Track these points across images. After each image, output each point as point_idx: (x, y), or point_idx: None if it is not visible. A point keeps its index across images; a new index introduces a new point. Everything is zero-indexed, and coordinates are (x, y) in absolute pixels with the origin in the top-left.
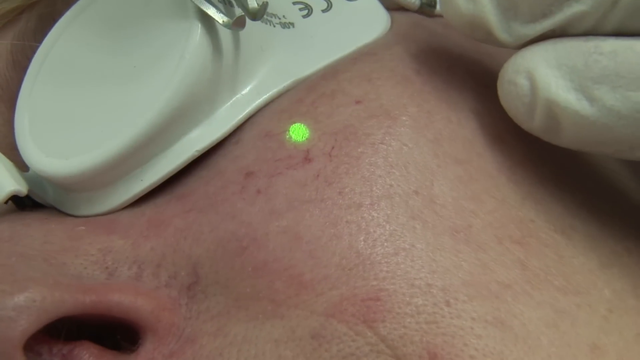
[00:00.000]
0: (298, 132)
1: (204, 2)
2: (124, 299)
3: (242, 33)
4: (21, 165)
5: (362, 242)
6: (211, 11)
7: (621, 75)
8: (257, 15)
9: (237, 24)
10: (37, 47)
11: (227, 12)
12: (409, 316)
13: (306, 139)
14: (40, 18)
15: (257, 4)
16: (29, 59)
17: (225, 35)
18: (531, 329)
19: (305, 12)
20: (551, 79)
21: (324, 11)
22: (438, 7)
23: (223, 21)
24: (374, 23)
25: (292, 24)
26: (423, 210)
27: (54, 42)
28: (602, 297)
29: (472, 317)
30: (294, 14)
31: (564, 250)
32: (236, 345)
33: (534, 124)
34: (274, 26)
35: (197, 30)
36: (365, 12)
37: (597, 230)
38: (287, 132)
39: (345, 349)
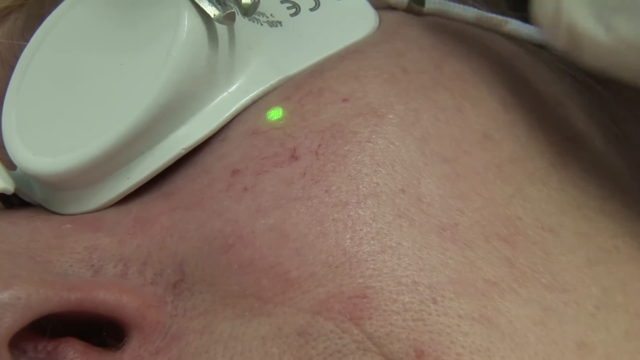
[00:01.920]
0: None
1: None
2: (109, 297)
3: (230, 32)
4: (9, 163)
5: (349, 240)
6: (203, 4)
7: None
8: (249, 11)
9: (227, 18)
10: (25, 45)
11: (221, 8)
12: (396, 313)
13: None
14: (29, 17)
15: None
16: (16, 58)
17: (212, 33)
18: (518, 326)
19: (293, 10)
20: (573, 3)
21: (311, 10)
22: (427, 5)
23: (214, 15)
24: (362, 21)
25: (280, 23)
26: (410, 209)
27: (41, 40)
28: (590, 294)
29: (459, 315)
30: (281, 12)
31: (552, 248)
32: (222, 343)
33: (560, 44)
34: (262, 25)
35: (184, 28)
36: (353, 11)
37: (585, 228)
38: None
39: (332, 347)
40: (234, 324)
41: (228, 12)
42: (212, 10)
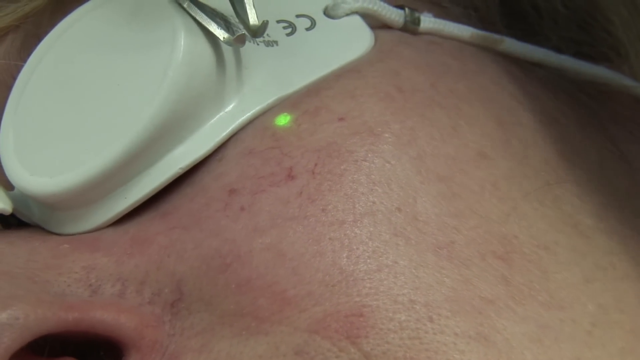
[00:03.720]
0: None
1: (206, 18)
2: (107, 316)
3: (226, 51)
4: (7, 184)
5: (345, 259)
6: (212, 27)
7: None
8: (258, 32)
9: (238, 41)
10: (22, 66)
11: (227, 29)
12: (392, 332)
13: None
14: (26, 38)
15: (257, 20)
16: (14, 78)
17: (209, 52)
18: (514, 344)
19: (289, 30)
20: None
21: (307, 29)
22: (422, 25)
23: (224, 37)
24: (358, 41)
25: (276, 42)
26: (406, 227)
27: (39, 60)
28: (586, 311)
29: (455, 333)
30: (277, 32)
31: (548, 266)
32: None
33: None
34: (258, 44)
35: (180, 48)
36: (349, 30)
37: (581, 245)
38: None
39: None
40: (232, 343)
41: (238, 34)
42: (221, 34)
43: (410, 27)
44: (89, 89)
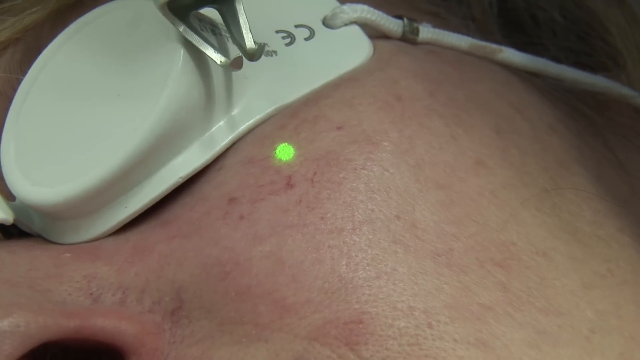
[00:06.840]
0: (284, 152)
1: (202, 42)
2: (108, 324)
3: None
4: (8, 194)
5: (344, 266)
6: (209, 52)
7: None
8: (255, 55)
9: (234, 65)
10: (23, 78)
11: (221, 46)
12: (392, 338)
13: (291, 158)
14: (26, 50)
15: (254, 44)
16: (14, 90)
17: (208, 63)
18: (513, 350)
19: (288, 40)
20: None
21: (306, 39)
22: (421, 35)
23: (220, 61)
24: (357, 50)
25: (275, 52)
26: (404, 235)
27: (39, 71)
28: (584, 318)
29: (454, 339)
30: (277, 42)
31: (546, 272)
32: None
33: None
34: None
35: (180, 58)
36: (347, 40)
37: (579, 252)
38: (271, 157)
39: None
40: (232, 351)
41: (235, 58)
42: (218, 58)
43: (409, 37)
44: (89, 99)
